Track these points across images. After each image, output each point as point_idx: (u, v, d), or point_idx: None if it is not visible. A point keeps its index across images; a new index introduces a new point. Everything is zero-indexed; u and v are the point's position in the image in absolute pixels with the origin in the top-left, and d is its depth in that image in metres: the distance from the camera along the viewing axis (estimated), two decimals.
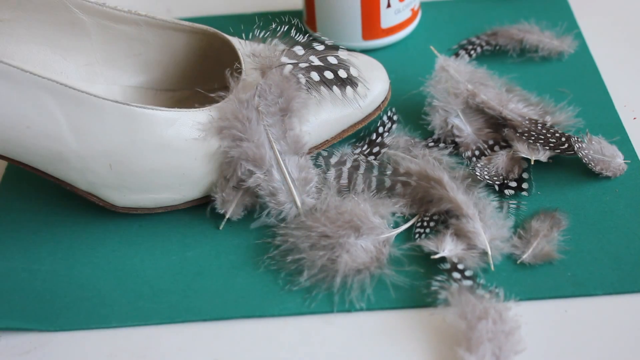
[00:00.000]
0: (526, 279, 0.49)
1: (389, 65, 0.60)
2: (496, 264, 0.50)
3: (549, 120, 0.57)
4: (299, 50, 0.55)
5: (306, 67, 0.54)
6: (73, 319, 0.49)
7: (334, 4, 0.65)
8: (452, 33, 0.69)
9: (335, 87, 0.55)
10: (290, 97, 0.53)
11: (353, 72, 0.56)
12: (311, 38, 0.56)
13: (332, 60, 0.56)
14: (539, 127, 0.56)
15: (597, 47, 0.66)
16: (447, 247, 0.49)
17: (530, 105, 0.59)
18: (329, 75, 0.55)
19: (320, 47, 0.56)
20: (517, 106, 0.58)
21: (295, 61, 0.54)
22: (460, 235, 0.50)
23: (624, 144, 0.56)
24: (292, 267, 0.50)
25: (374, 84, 0.57)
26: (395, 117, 0.60)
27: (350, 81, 0.55)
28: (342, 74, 0.55)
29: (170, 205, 0.55)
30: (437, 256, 0.49)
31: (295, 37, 0.56)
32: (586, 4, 0.72)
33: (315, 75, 0.54)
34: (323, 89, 0.54)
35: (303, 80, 0.54)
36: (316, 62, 0.55)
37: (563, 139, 0.55)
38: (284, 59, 0.54)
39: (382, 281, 0.49)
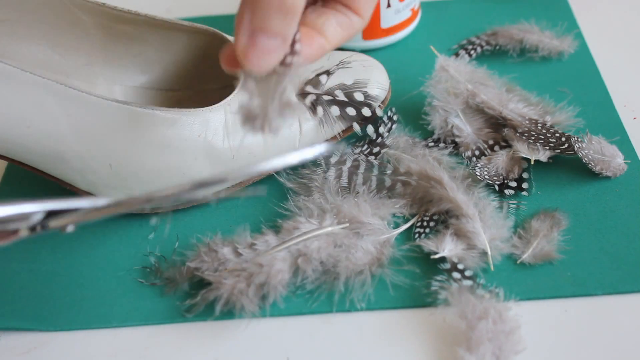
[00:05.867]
0: (526, 279, 0.49)
1: (389, 65, 0.60)
2: (496, 264, 0.50)
3: (549, 120, 0.57)
4: (323, 78, 0.55)
5: (329, 99, 0.55)
6: (73, 319, 0.49)
7: None
8: (452, 33, 0.69)
9: (355, 124, 0.56)
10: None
11: (378, 111, 0.56)
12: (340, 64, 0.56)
13: (358, 97, 0.56)
14: (539, 127, 0.56)
15: (597, 47, 0.66)
16: (447, 247, 0.49)
17: (530, 105, 0.59)
18: (350, 112, 0.55)
19: (350, 82, 0.56)
20: (517, 106, 0.58)
21: (319, 92, 0.55)
22: (460, 235, 0.50)
23: (624, 144, 0.56)
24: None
25: (374, 84, 0.57)
26: (395, 117, 0.59)
27: (372, 119, 0.56)
28: (366, 112, 0.56)
29: (170, 205, 0.55)
30: (437, 256, 0.49)
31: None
32: (586, 4, 0.72)
33: (335, 110, 0.55)
34: (340, 123, 0.55)
35: (321, 113, 0.54)
36: (341, 97, 0.55)
37: (563, 139, 0.55)
38: (308, 88, 0.54)
39: (382, 281, 0.49)
